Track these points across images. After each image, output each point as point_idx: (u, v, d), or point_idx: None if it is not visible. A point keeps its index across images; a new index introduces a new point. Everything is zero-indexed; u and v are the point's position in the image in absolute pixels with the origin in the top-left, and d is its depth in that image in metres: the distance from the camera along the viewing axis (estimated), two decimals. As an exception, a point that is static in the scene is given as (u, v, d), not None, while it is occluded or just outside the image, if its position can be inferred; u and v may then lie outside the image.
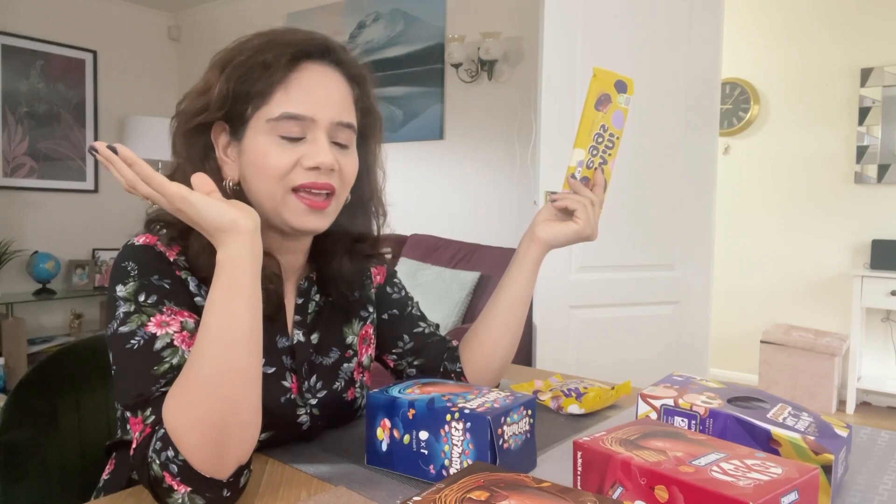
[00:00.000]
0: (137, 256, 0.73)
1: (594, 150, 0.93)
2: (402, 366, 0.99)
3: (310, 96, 0.76)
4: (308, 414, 0.84)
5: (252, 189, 0.77)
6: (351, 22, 3.80)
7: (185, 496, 0.62)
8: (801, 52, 3.84)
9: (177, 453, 0.61)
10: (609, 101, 0.92)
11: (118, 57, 4.48)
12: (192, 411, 0.62)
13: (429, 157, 3.52)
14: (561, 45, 2.36)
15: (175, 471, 0.61)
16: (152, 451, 0.62)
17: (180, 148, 0.79)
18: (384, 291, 0.99)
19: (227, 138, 0.78)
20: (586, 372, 1.19)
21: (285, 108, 0.75)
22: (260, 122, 0.76)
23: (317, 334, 0.87)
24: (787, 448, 0.63)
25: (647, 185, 2.49)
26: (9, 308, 3.74)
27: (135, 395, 0.66)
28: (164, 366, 0.67)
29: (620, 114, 0.93)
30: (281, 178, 0.75)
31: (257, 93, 0.75)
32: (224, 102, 0.76)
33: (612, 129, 0.93)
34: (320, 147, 0.75)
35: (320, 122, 0.76)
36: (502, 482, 0.52)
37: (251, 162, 0.76)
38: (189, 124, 0.77)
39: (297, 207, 0.76)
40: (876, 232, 3.62)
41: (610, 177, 0.95)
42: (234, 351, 0.63)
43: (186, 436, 0.61)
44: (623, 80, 0.93)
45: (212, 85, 0.76)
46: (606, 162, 0.94)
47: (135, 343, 0.68)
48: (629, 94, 0.93)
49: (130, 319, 0.69)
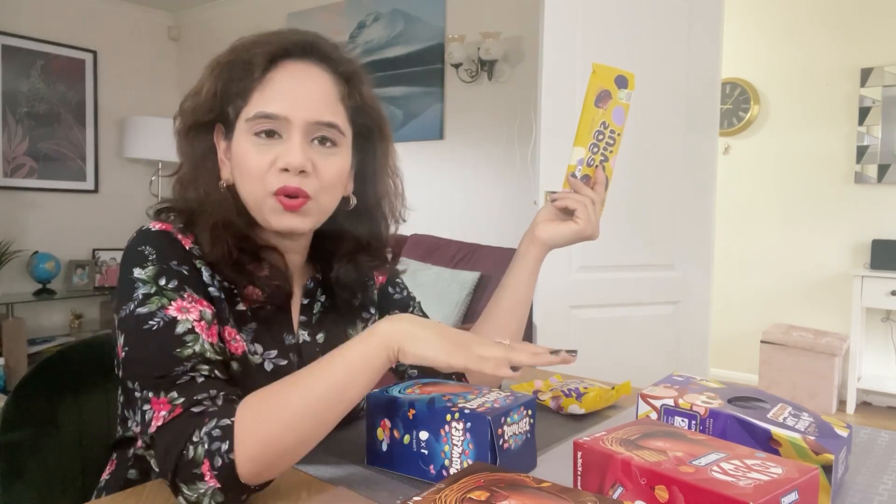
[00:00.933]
0: (155, 241, 0.73)
1: (595, 148, 0.91)
2: (403, 366, 0.99)
3: (285, 95, 0.75)
4: None
5: (240, 191, 0.77)
6: (351, 22, 3.80)
7: (210, 490, 0.61)
8: (801, 52, 3.84)
9: (230, 450, 0.61)
10: (609, 98, 0.90)
11: (118, 57, 4.48)
12: (267, 426, 0.62)
13: (429, 157, 3.52)
14: (561, 44, 2.36)
15: (218, 464, 0.61)
16: (205, 434, 0.62)
17: (184, 148, 0.79)
18: (386, 291, 0.99)
19: (225, 141, 0.79)
20: (586, 372, 1.19)
21: (260, 108, 0.74)
22: (241, 122, 0.76)
23: (322, 335, 0.87)
24: (788, 448, 0.63)
25: (648, 185, 2.48)
26: (9, 308, 3.74)
27: (157, 375, 0.66)
28: (188, 350, 0.67)
29: (621, 110, 0.91)
30: (260, 180, 0.75)
31: (238, 93, 0.75)
32: (213, 103, 0.76)
33: (613, 126, 0.92)
34: (292, 147, 0.74)
35: (295, 122, 0.75)
36: (502, 482, 0.52)
37: (236, 164, 0.77)
38: (185, 125, 0.78)
39: (275, 208, 0.76)
40: (876, 232, 3.61)
41: (612, 174, 0.94)
42: (335, 406, 0.65)
43: (250, 444, 0.61)
44: (624, 74, 0.91)
45: (203, 85, 0.77)
46: (608, 159, 0.93)
47: (154, 324, 0.68)
48: (630, 89, 0.91)
49: (151, 301, 0.69)
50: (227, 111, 0.76)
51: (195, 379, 0.66)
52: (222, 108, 0.76)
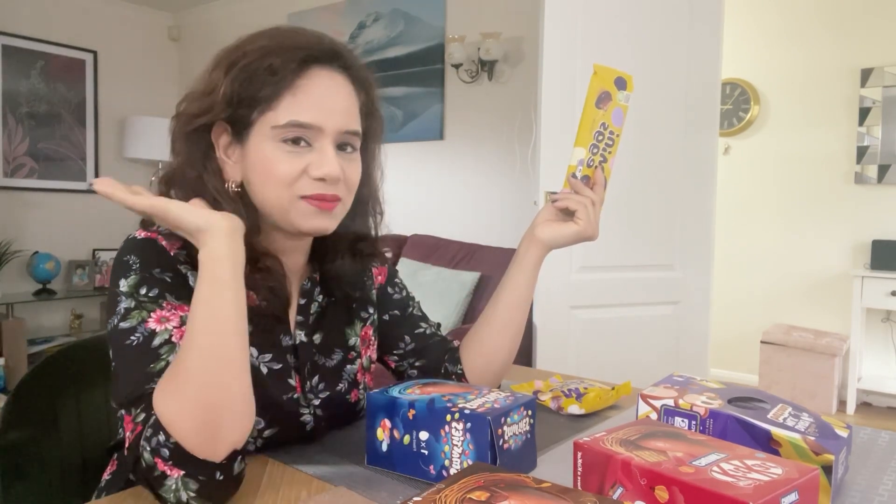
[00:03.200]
0: (139, 249, 0.74)
1: (595, 149, 0.92)
2: (404, 367, 0.99)
3: (317, 104, 0.76)
4: (312, 414, 0.84)
5: (257, 193, 0.77)
6: (351, 22, 3.80)
7: (178, 481, 0.61)
8: (801, 53, 3.84)
9: (168, 437, 0.61)
10: (609, 99, 0.91)
11: (118, 57, 4.48)
12: (182, 396, 0.62)
13: (429, 158, 3.52)
14: (561, 45, 2.36)
15: (166, 454, 0.61)
16: (144, 440, 0.62)
17: (180, 148, 0.78)
18: (385, 292, 0.99)
19: (229, 139, 0.78)
20: (586, 372, 1.19)
21: (292, 116, 0.74)
22: (265, 127, 0.75)
23: (319, 335, 0.87)
24: (788, 448, 0.63)
25: (648, 186, 2.49)
26: (9, 308, 3.74)
27: (128, 392, 0.66)
28: (161, 363, 0.67)
29: (620, 111, 0.92)
30: (289, 186, 0.75)
31: (264, 97, 0.74)
32: (229, 105, 0.75)
33: (613, 127, 0.92)
34: (327, 157, 0.75)
35: (327, 131, 0.76)
36: (502, 482, 0.52)
37: (257, 168, 0.76)
38: (191, 125, 0.77)
39: (306, 210, 0.76)
40: (876, 232, 3.62)
41: (610, 175, 0.95)
42: (221, 338, 0.65)
43: (178, 421, 0.61)
44: (623, 76, 0.92)
45: (216, 86, 0.75)
46: (606, 160, 0.93)
47: (134, 340, 0.68)
48: (629, 90, 0.92)
49: (131, 315, 0.69)
50: (243, 112, 0.75)
51: None
52: (238, 110, 0.75)
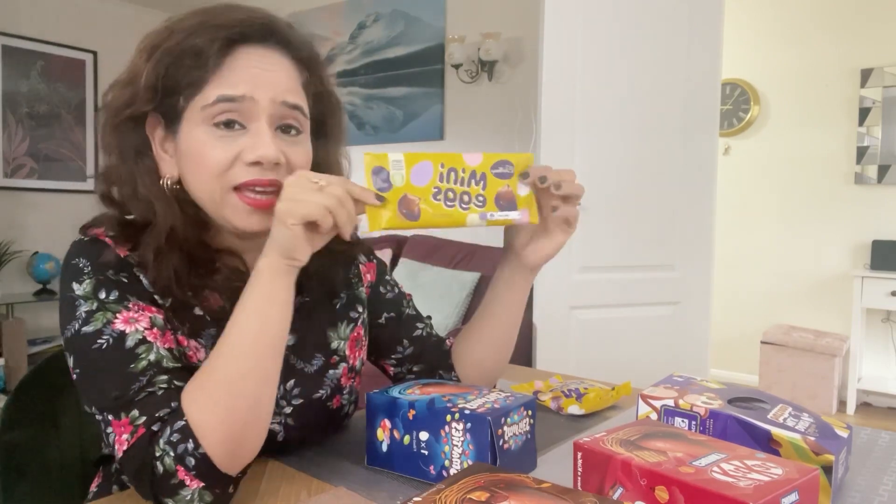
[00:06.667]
0: (89, 252, 0.70)
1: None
2: (402, 373, 0.95)
3: (248, 78, 0.68)
4: (281, 424, 0.78)
5: (191, 187, 0.71)
6: (351, 23, 3.80)
7: (195, 492, 0.61)
8: (801, 53, 3.84)
9: (197, 446, 0.60)
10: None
11: (118, 57, 4.42)
12: (218, 408, 0.61)
13: (429, 158, 3.52)
14: (561, 45, 2.36)
15: (192, 464, 0.60)
16: (166, 444, 0.60)
17: (110, 143, 0.72)
18: (378, 291, 0.93)
19: (163, 132, 0.71)
20: (586, 373, 1.19)
21: (221, 91, 0.67)
22: (195, 111, 0.68)
23: (293, 336, 0.79)
24: (788, 449, 0.63)
25: (648, 186, 2.48)
26: (9, 308, 3.74)
27: (113, 396, 0.63)
28: (142, 363, 0.64)
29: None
30: (220, 175, 0.68)
31: (189, 83, 0.68)
32: (154, 93, 0.69)
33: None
34: (262, 138, 0.68)
35: (261, 102, 0.68)
36: (502, 483, 0.52)
37: (188, 157, 0.69)
38: (117, 118, 0.70)
39: (240, 207, 0.69)
40: (876, 232, 3.61)
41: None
42: (264, 354, 0.64)
43: (211, 432, 0.61)
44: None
45: (138, 73, 0.69)
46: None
47: (103, 342, 0.64)
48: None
49: (94, 318, 0.65)
50: (170, 101, 0.69)
51: (154, 393, 0.63)
52: (164, 98, 0.69)
